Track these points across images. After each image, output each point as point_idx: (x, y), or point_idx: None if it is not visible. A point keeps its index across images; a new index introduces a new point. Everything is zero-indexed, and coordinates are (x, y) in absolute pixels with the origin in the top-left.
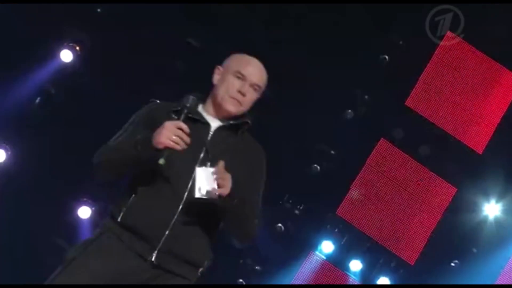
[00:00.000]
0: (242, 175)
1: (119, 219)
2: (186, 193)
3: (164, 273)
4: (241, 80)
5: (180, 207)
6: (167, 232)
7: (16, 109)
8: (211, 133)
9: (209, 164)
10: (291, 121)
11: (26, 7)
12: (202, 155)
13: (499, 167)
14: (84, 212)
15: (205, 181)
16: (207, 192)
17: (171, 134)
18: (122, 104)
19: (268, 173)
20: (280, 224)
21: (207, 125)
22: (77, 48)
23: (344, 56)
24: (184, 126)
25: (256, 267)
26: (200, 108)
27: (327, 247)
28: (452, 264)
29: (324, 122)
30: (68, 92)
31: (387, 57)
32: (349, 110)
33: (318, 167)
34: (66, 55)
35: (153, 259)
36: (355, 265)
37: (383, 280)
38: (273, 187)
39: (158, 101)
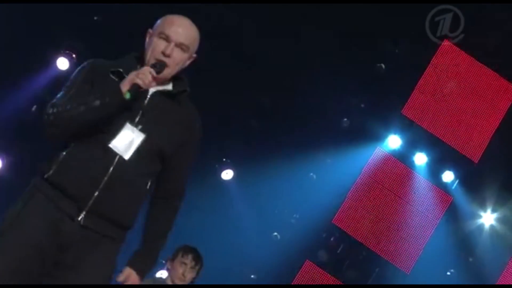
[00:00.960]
0: (174, 144)
1: (47, 176)
2: (118, 154)
3: (93, 234)
4: (165, 41)
5: (112, 167)
6: (96, 193)
7: (12, 118)
8: (148, 96)
9: (140, 127)
10: (287, 130)
11: (22, 15)
12: (138, 118)
13: (495, 176)
14: None
15: (128, 141)
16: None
17: (135, 74)
18: None
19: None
20: (276, 233)
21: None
22: (74, 55)
23: (341, 64)
24: (150, 70)
25: (252, 276)
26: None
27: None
28: (448, 273)
29: (320, 130)
30: None
31: (383, 65)
32: (345, 119)
33: (314, 176)
34: (63, 63)
35: (80, 219)
36: (351, 275)
37: None
38: (269, 197)
39: (96, 59)
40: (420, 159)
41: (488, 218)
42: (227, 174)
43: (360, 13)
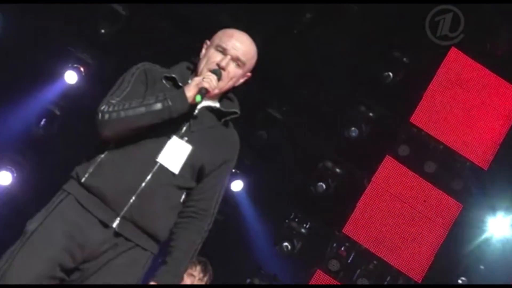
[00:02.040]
0: (215, 163)
1: (83, 180)
2: (158, 161)
3: (125, 242)
4: (222, 54)
5: (150, 174)
6: (132, 199)
7: (21, 132)
8: (197, 110)
9: (186, 139)
10: (297, 139)
11: (30, 28)
12: (184, 130)
13: (505, 183)
14: None
15: (174, 152)
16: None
17: (200, 79)
18: None
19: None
20: (286, 243)
21: None
22: (82, 69)
23: (349, 73)
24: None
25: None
26: (190, 80)
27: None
28: (460, 281)
29: (330, 139)
30: (74, 113)
31: (391, 74)
32: (353, 128)
33: (324, 185)
34: (71, 77)
35: (114, 226)
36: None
37: None
38: (279, 206)
39: (148, 63)
40: (429, 167)
41: (498, 225)
42: (237, 185)
43: (369, 21)
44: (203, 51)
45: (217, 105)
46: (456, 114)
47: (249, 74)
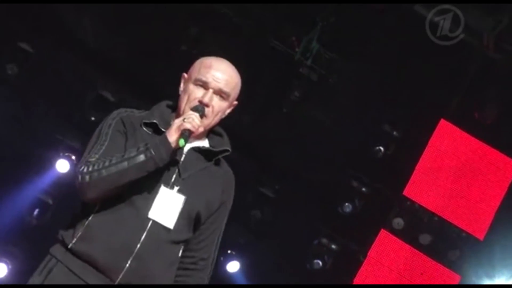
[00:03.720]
0: (210, 209)
1: (70, 245)
2: (151, 217)
3: None
4: (203, 88)
5: (145, 233)
6: (128, 263)
7: (14, 222)
8: (184, 153)
9: (177, 188)
10: (291, 217)
11: (19, 119)
12: (173, 178)
13: (502, 252)
14: None
15: (166, 205)
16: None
17: (181, 120)
18: None
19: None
20: (318, 260)
21: None
22: (73, 157)
23: (339, 149)
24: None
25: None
26: (172, 121)
27: None
28: None
29: (324, 216)
30: (67, 202)
31: (382, 148)
32: (347, 203)
33: (320, 262)
34: (63, 165)
35: None
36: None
37: None
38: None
39: (124, 109)
40: (425, 239)
41: None
42: (233, 266)
43: (356, 96)
44: (181, 86)
45: (205, 144)
46: (449, 185)
47: (235, 102)
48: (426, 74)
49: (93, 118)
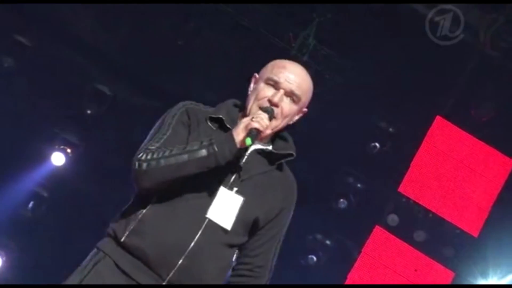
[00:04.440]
0: (270, 214)
1: (122, 239)
2: (208, 217)
3: None
4: (273, 88)
5: (200, 232)
6: (180, 261)
7: (9, 215)
8: (246, 155)
9: (235, 190)
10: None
11: (15, 113)
12: (233, 179)
13: (496, 249)
14: None
15: (224, 205)
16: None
17: (249, 119)
18: (115, 205)
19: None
20: (312, 255)
21: None
22: (68, 150)
23: (335, 145)
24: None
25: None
26: (239, 120)
27: None
28: None
29: (319, 212)
30: (62, 195)
31: (378, 144)
32: (342, 199)
33: (314, 258)
34: (58, 158)
35: None
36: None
37: None
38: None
39: (190, 102)
40: (419, 235)
41: None
42: None
43: (352, 93)
44: (252, 85)
45: (269, 147)
46: (444, 182)
47: (305, 109)
48: (423, 71)
49: (89, 112)
